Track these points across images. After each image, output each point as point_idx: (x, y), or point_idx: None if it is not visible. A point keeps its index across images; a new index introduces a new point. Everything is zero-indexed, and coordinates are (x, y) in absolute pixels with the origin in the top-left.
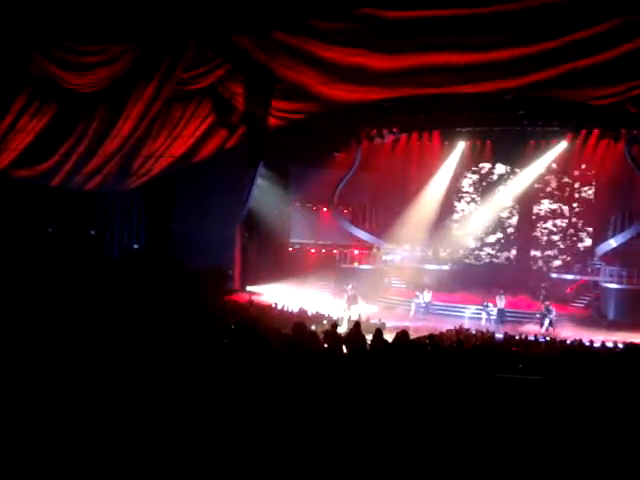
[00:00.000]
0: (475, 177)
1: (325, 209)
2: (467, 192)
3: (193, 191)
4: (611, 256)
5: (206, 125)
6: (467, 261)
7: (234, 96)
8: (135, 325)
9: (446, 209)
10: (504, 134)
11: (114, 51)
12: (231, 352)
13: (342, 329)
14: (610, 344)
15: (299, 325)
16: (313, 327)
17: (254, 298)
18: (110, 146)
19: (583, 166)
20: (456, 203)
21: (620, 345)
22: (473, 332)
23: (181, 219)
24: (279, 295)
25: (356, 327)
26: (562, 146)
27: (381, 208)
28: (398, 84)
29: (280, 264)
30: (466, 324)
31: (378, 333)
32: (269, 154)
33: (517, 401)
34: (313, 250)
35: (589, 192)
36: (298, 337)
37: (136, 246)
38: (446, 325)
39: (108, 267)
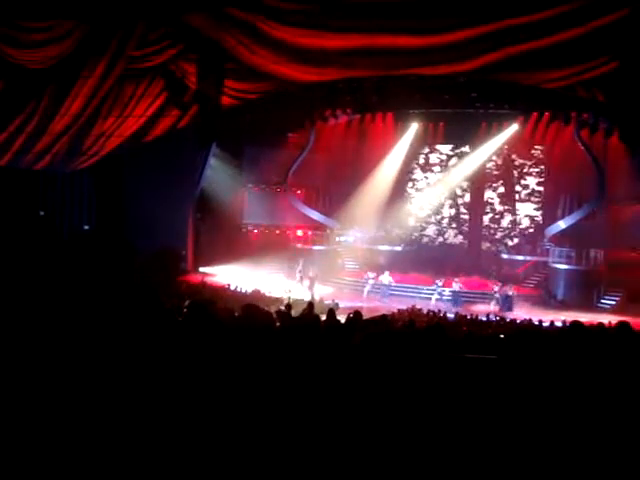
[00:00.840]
0: (428, 158)
1: (279, 190)
2: (420, 173)
3: (145, 171)
4: (560, 237)
5: (158, 104)
6: (420, 242)
7: (186, 75)
8: (82, 305)
9: (399, 190)
10: (457, 116)
11: (62, 29)
12: (183, 331)
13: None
14: (559, 323)
15: (250, 305)
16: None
17: (207, 279)
18: (59, 125)
19: (534, 148)
20: (409, 184)
21: (566, 324)
22: (425, 312)
23: (133, 200)
24: (233, 276)
25: (309, 308)
26: (513, 128)
27: (335, 189)
28: (351, 65)
29: (233, 245)
30: (419, 304)
31: (331, 313)
32: (222, 134)
33: (468, 380)
34: (267, 231)
35: (540, 174)
36: (249, 316)
37: (87, 227)
38: (400, 305)
39: (57, 247)
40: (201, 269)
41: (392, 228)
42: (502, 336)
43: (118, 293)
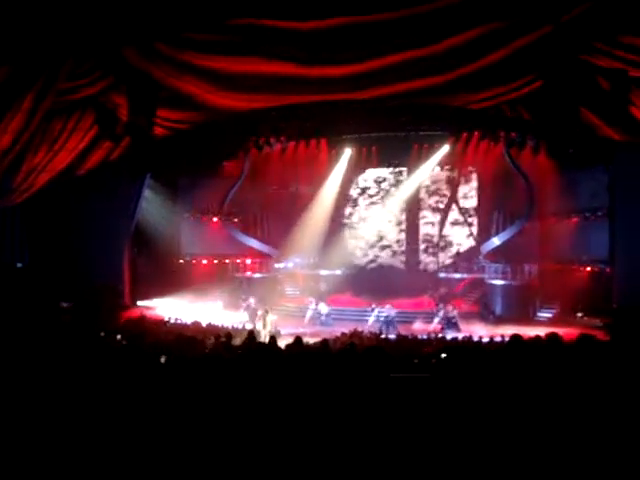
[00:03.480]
0: (363, 182)
1: (215, 219)
2: (356, 198)
3: (78, 206)
4: (495, 254)
5: (89, 137)
6: (359, 265)
7: (118, 107)
8: (17, 344)
9: (337, 215)
10: (389, 139)
11: None
12: (117, 364)
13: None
14: (498, 338)
15: (183, 336)
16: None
17: (146, 313)
18: None
19: (466, 168)
20: (346, 209)
21: (506, 338)
22: (367, 334)
23: (66, 235)
24: (172, 309)
25: (250, 336)
26: (445, 149)
27: (272, 216)
28: (283, 92)
29: (172, 277)
30: (360, 327)
31: (272, 340)
32: (156, 165)
33: (410, 399)
34: (205, 261)
35: (472, 193)
36: (180, 346)
37: (20, 265)
38: (342, 329)
39: None
40: (139, 303)
41: (331, 253)
42: (443, 355)
43: (50, 330)
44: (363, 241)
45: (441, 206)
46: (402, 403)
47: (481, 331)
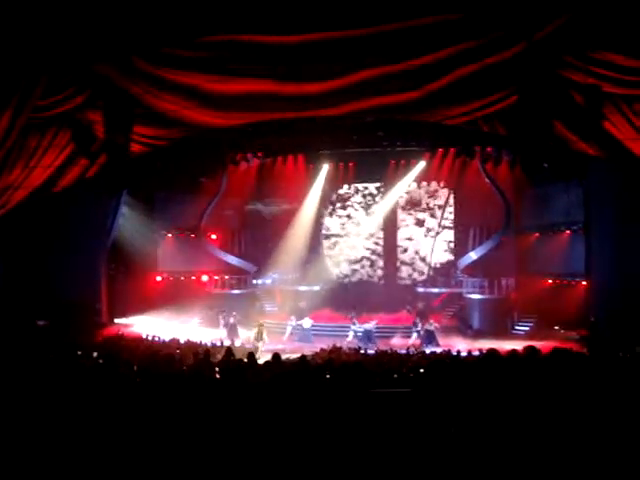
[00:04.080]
0: (341, 198)
1: (193, 235)
2: (334, 213)
3: (55, 222)
4: (472, 268)
5: (65, 154)
6: (337, 281)
7: (94, 124)
8: None
9: (315, 230)
10: (366, 155)
11: None
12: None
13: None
14: (476, 352)
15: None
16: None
17: (123, 330)
18: None
19: (442, 183)
20: (324, 224)
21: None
22: (346, 350)
23: (43, 252)
24: (150, 326)
25: (227, 353)
26: (421, 165)
27: (250, 233)
28: (259, 108)
29: (149, 294)
30: (339, 343)
31: (251, 357)
32: (133, 181)
33: (389, 414)
34: (183, 278)
35: (449, 208)
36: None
37: None
38: (321, 345)
39: None
40: (117, 320)
41: (309, 268)
42: (422, 370)
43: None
44: (341, 257)
45: (418, 221)
46: (381, 418)
47: (459, 345)
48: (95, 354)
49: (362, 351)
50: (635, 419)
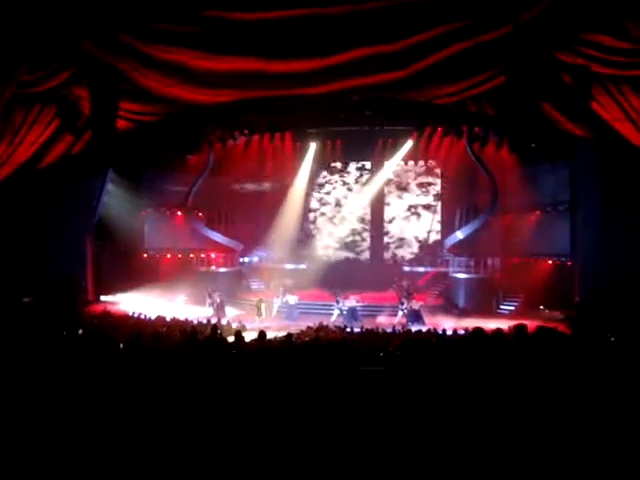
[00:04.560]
0: (328, 177)
1: (180, 213)
2: (321, 191)
3: (40, 199)
4: (459, 247)
5: (51, 130)
6: (324, 259)
7: (79, 100)
8: None
9: (302, 209)
10: (353, 134)
11: None
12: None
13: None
14: (461, 331)
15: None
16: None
17: (110, 308)
18: None
19: (430, 162)
20: (311, 202)
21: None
22: (332, 328)
23: (28, 229)
24: (136, 303)
25: (213, 330)
26: (408, 144)
27: (237, 210)
28: (246, 86)
29: (136, 272)
30: (326, 321)
31: (238, 335)
32: (119, 158)
33: (374, 392)
34: (169, 255)
35: (436, 187)
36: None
37: None
38: (307, 323)
39: None
40: (103, 298)
41: (296, 246)
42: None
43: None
44: (328, 235)
45: (405, 200)
46: (366, 396)
47: (445, 324)
48: (80, 331)
49: (348, 329)
50: (617, 399)
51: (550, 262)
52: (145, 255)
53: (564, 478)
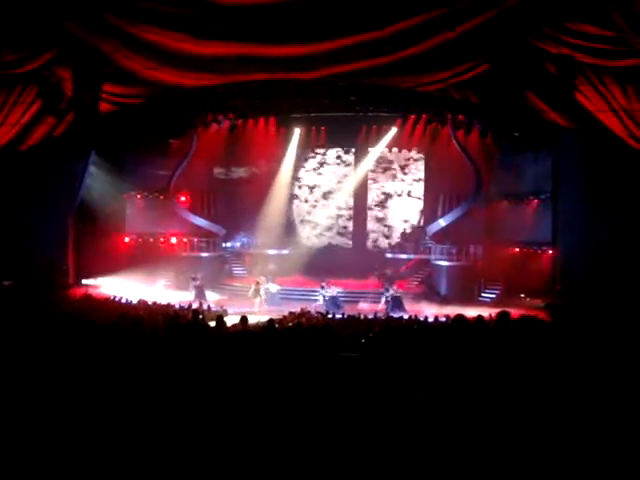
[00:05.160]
0: (312, 162)
1: (162, 197)
2: (305, 177)
3: (21, 182)
4: (441, 235)
5: (32, 112)
6: (307, 245)
7: (62, 81)
8: None
9: (285, 194)
10: (338, 120)
11: None
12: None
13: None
14: (443, 318)
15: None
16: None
17: (91, 291)
18: None
19: (413, 149)
20: (295, 188)
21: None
22: (314, 314)
23: (9, 211)
24: (117, 287)
25: (195, 315)
26: (393, 131)
27: (220, 195)
28: (230, 70)
29: (117, 255)
30: (308, 307)
31: (220, 320)
32: (101, 141)
33: (355, 378)
34: (151, 239)
35: (420, 174)
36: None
37: None
38: (290, 309)
39: None
40: (84, 281)
41: (279, 232)
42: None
43: None
44: (311, 221)
45: (388, 187)
46: (347, 381)
47: (427, 311)
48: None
49: (330, 315)
50: (598, 386)
51: (532, 250)
52: (127, 239)
53: (546, 467)
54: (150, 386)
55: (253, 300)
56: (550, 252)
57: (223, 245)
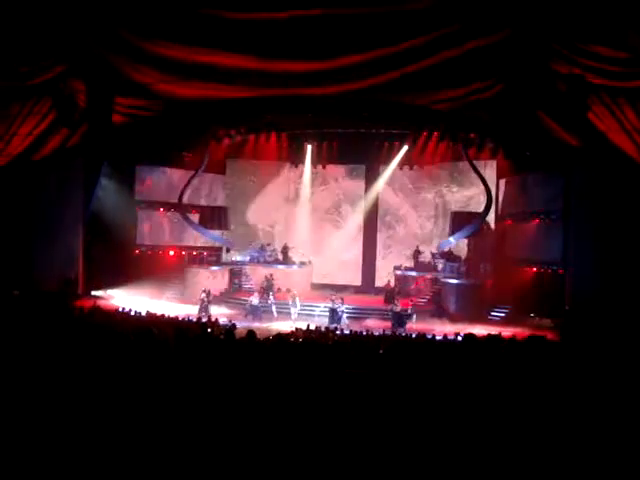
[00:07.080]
0: (323, 177)
1: (173, 210)
2: (315, 191)
3: (34, 191)
4: (451, 253)
5: (46, 123)
6: (316, 260)
7: (76, 93)
8: None
9: (297, 210)
10: (350, 137)
11: None
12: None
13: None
14: (451, 336)
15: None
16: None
17: (99, 302)
18: None
19: (425, 166)
20: (306, 204)
21: (459, 337)
22: (321, 330)
23: (21, 221)
24: (126, 299)
25: (202, 329)
26: (404, 149)
27: (231, 209)
28: (242, 84)
29: (127, 267)
30: (313, 322)
31: (229, 334)
32: (114, 153)
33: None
34: (161, 252)
35: (431, 192)
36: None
37: None
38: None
39: None
40: (94, 292)
41: (288, 247)
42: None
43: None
44: (320, 235)
45: (398, 204)
46: (354, 397)
47: (435, 329)
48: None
49: (338, 332)
50: (605, 404)
51: (541, 270)
52: (137, 251)
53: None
54: (159, 396)
55: (292, 310)
56: (560, 271)
57: (232, 259)
